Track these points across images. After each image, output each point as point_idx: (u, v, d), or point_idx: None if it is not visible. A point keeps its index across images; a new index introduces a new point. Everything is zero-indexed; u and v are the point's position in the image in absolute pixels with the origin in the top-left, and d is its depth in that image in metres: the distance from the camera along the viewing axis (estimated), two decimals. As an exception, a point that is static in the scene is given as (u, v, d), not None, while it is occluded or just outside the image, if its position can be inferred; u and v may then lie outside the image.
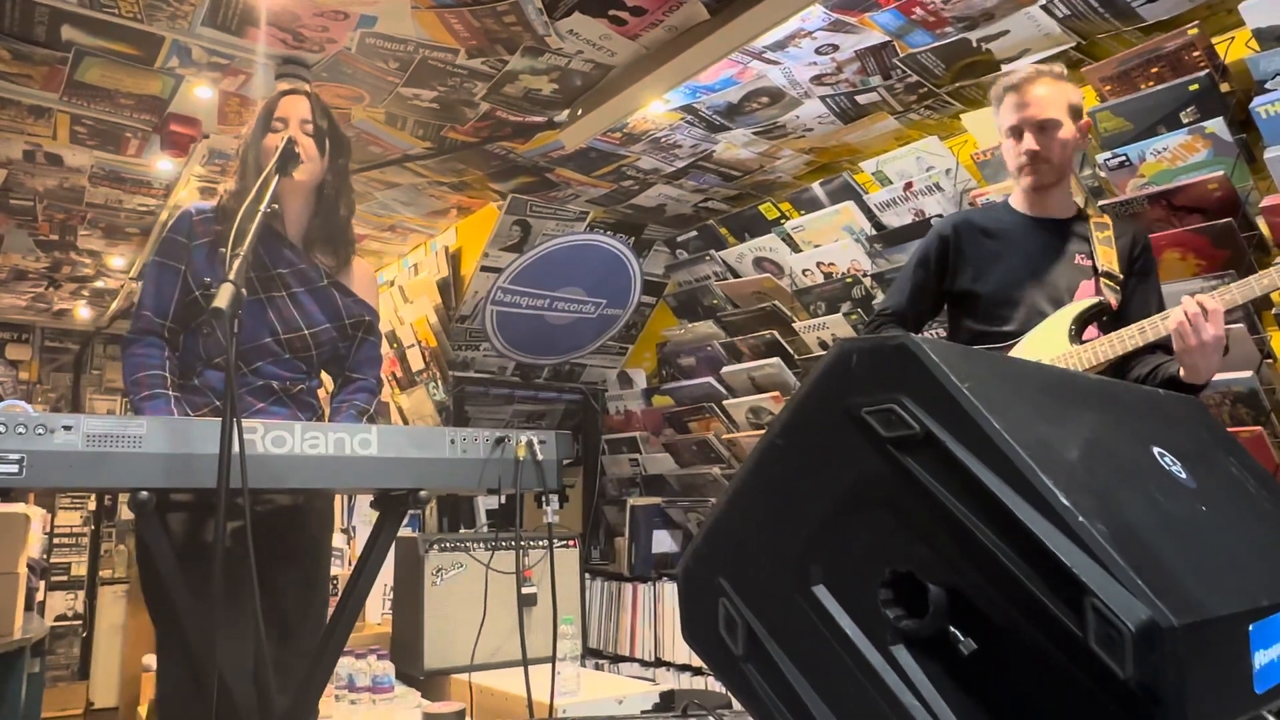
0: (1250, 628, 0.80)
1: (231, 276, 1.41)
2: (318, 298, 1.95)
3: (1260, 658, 0.80)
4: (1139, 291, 1.88)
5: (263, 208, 1.63)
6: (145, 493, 1.48)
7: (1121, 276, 1.84)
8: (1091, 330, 1.86)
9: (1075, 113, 1.92)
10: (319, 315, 1.95)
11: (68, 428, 1.42)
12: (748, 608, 0.94)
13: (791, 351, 3.51)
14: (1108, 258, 1.86)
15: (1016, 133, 1.91)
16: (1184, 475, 0.95)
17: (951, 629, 0.80)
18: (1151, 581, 0.71)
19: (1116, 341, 1.77)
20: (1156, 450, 0.96)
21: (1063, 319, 1.85)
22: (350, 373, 2.05)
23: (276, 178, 1.72)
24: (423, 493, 1.72)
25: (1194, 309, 1.64)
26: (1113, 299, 1.84)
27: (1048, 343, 1.86)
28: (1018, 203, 2.01)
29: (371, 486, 1.73)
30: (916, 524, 0.83)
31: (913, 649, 0.83)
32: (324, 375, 2.11)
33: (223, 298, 1.37)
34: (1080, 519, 0.74)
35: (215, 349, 1.86)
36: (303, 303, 1.93)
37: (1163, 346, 1.77)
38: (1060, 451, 0.83)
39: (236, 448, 1.42)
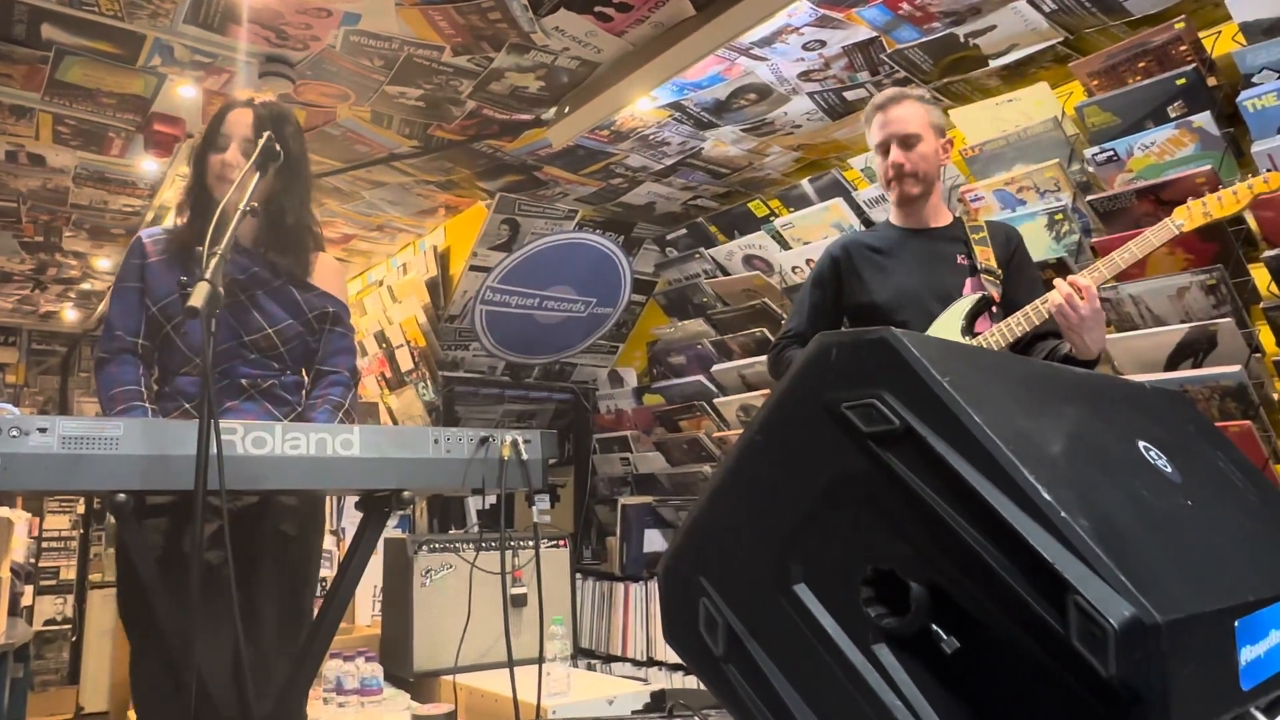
0: (1236, 624, 0.78)
1: (208, 275, 1.39)
2: (276, 298, 1.94)
3: (1246, 654, 0.79)
4: (1021, 282, 2.03)
5: (242, 206, 1.61)
6: (122, 495, 1.46)
7: (1000, 271, 2.01)
8: (983, 322, 1.99)
9: (937, 131, 2.08)
10: (281, 314, 1.94)
11: (43, 430, 1.40)
12: (728, 607, 0.92)
13: (781, 349, 3.50)
14: (985, 255, 2.03)
15: (884, 148, 2.07)
16: (1169, 469, 0.94)
17: (934, 627, 0.79)
18: (1135, 578, 0.70)
19: (1006, 330, 1.91)
20: (1141, 444, 0.95)
21: (953, 317, 1.98)
22: (321, 365, 2.03)
23: (257, 175, 1.70)
24: (406, 493, 1.70)
25: (1067, 289, 1.78)
26: (995, 292, 1.99)
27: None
28: (896, 219, 2.17)
29: (354, 487, 1.71)
30: (898, 520, 0.82)
31: (895, 648, 0.82)
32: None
33: (198, 296, 1.35)
34: (1063, 514, 0.73)
35: (183, 359, 1.85)
36: (262, 305, 1.92)
37: (1052, 331, 1.93)
38: (1042, 446, 0.82)
39: (215, 449, 1.40)
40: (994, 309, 2.00)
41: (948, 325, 1.98)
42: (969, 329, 1.97)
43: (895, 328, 1.97)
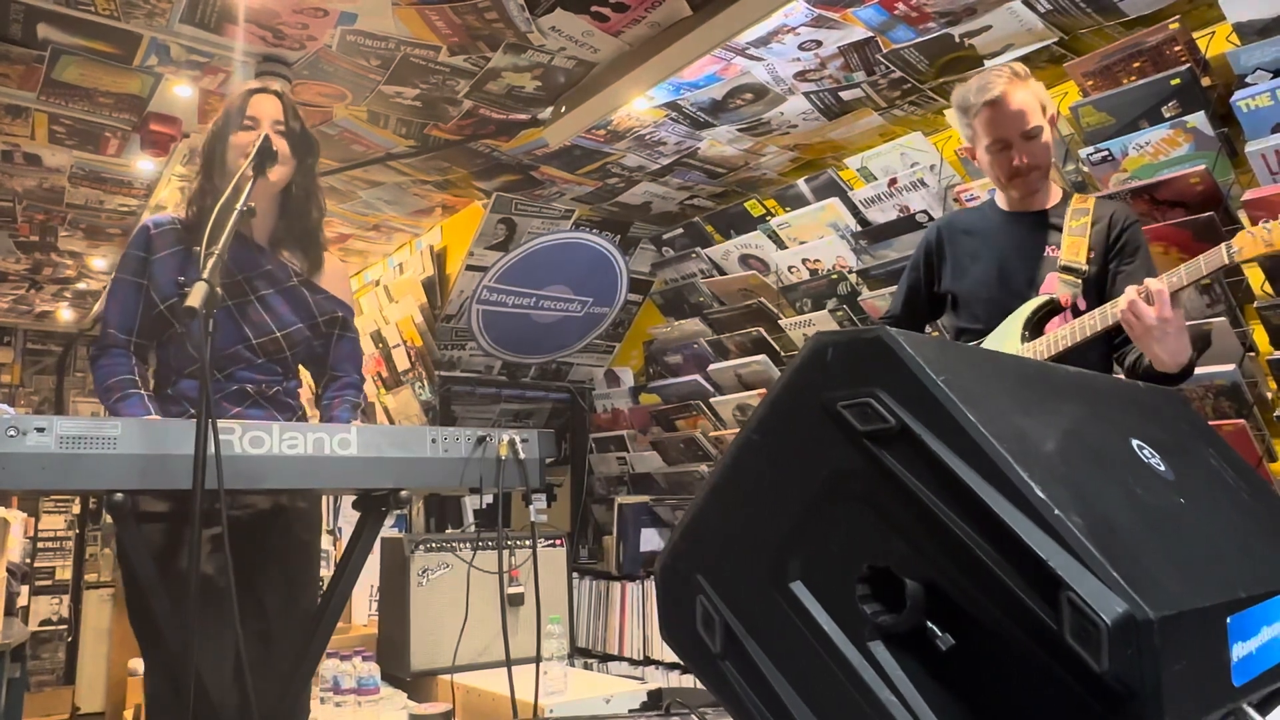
0: (1228, 620, 0.79)
1: (205, 275, 1.39)
2: (288, 298, 1.92)
3: (1239, 650, 0.79)
4: (1123, 272, 1.85)
5: (239, 206, 1.61)
6: (120, 494, 1.46)
7: (1087, 268, 1.84)
8: (1055, 323, 1.86)
9: (1047, 111, 1.92)
10: (290, 316, 1.92)
11: (40, 429, 1.40)
12: (725, 605, 0.93)
13: (778, 348, 3.51)
14: (1073, 248, 1.85)
15: (1003, 145, 1.89)
16: (1162, 467, 0.95)
17: (929, 624, 0.79)
18: (1128, 574, 0.71)
19: (1070, 332, 1.77)
20: (1135, 442, 0.96)
21: (1018, 319, 1.88)
22: (333, 370, 2.03)
23: (253, 177, 1.70)
24: (403, 493, 1.71)
25: (1134, 294, 1.63)
26: (1066, 294, 1.84)
27: (1004, 343, 1.88)
28: (1000, 199, 2.04)
29: (351, 487, 1.71)
30: (893, 518, 0.82)
31: (890, 645, 0.82)
32: (305, 375, 2.08)
33: (195, 296, 1.36)
34: (1056, 512, 0.73)
35: (188, 360, 1.84)
36: (272, 305, 1.90)
37: None
38: (1037, 444, 0.82)
39: (213, 448, 1.41)
40: (1078, 308, 1.83)
41: (1010, 327, 1.88)
42: (1035, 334, 1.85)
43: (965, 319, 1.97)
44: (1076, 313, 1.83)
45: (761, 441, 0.93)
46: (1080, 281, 1.84)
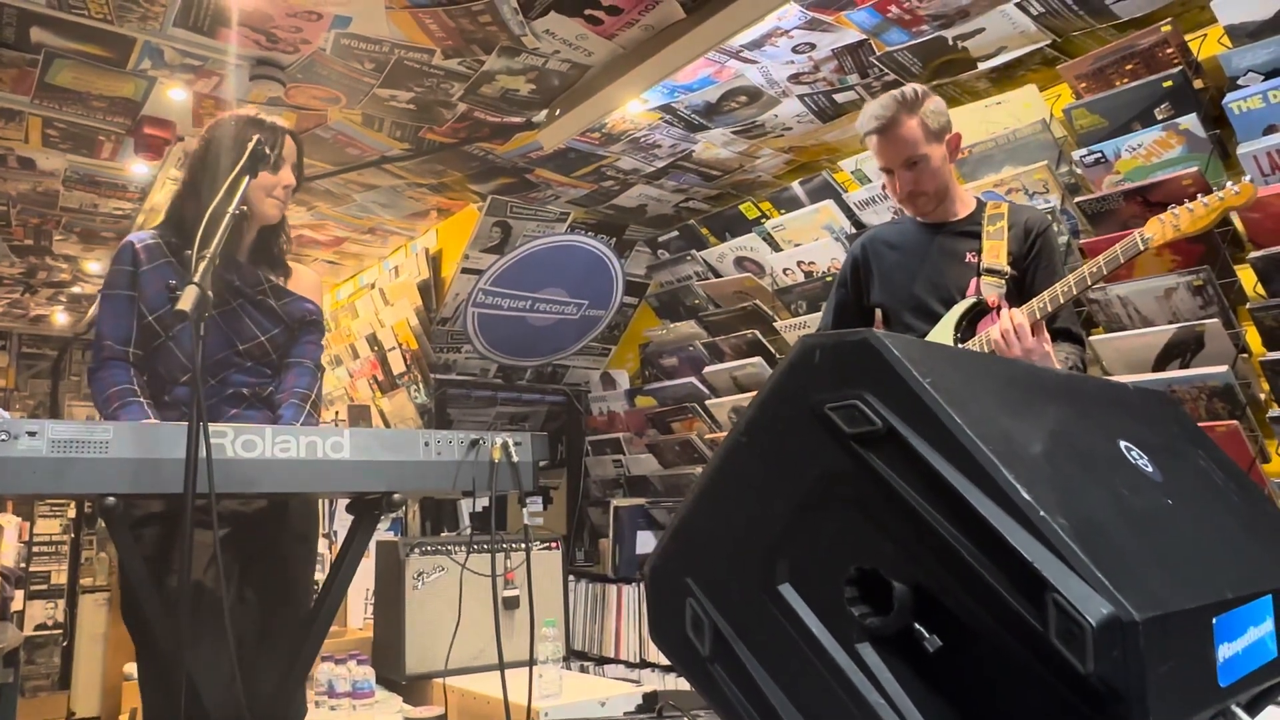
0: (1214, 620, 0.79)
1: (196, 279, 1.39)
2: (262, 308, 1.96)
3: (1224, 651, 0.80)
4: (1039, 276, 1.95)
5: (232, 210, 1.61)
6: (112, 498, 1.46)
7: (1009, 269, 1.93)
8: (986, 323, 1.93)
9: (939, 136, 1.98)
10: (268, 323, 1.96)
11: (32, 434, 1.40)
12: (714, 607, 0.93)
13: (773, 351, 3.51)
14: (993, 252, 1.95)
15: (888, 172, 2.01)
16: (1150, 469, 0.95)
17: (916, 626, 0.79)
18: (1113, 576, 0.71)
19: (985, 339, 1.87)
20: (1123, 444, 0.96)
21: (948, 322, 1.95)
22: (288, 359, 2.03)
23: (246, 179, 1.70)
24: (396, 496, 1.71)
25: (1006, 325, 1.77)
26: (993, 295, 1.92)
27: None
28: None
29: (344, 490, 1.71)
30: (881, 520, 0.82)
31: (878, 647, 0.82)
32: None
33: (186, 300, 1.36)
34: (1042, 513, 0.73)
35: (181, 367, 1.85)
36: (252, 312, 1.94)
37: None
38: (1023, 446, 0.82)
39: (204, 452, 1.40)
40: (999, 310, 1.89)
41: (942, 331, 1.96)
42: (966, 335, 1.93)
43: (897, 330, 2.00)
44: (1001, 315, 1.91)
45: (750, 444, 0.93)
46: (1004, 282, 1.92)
